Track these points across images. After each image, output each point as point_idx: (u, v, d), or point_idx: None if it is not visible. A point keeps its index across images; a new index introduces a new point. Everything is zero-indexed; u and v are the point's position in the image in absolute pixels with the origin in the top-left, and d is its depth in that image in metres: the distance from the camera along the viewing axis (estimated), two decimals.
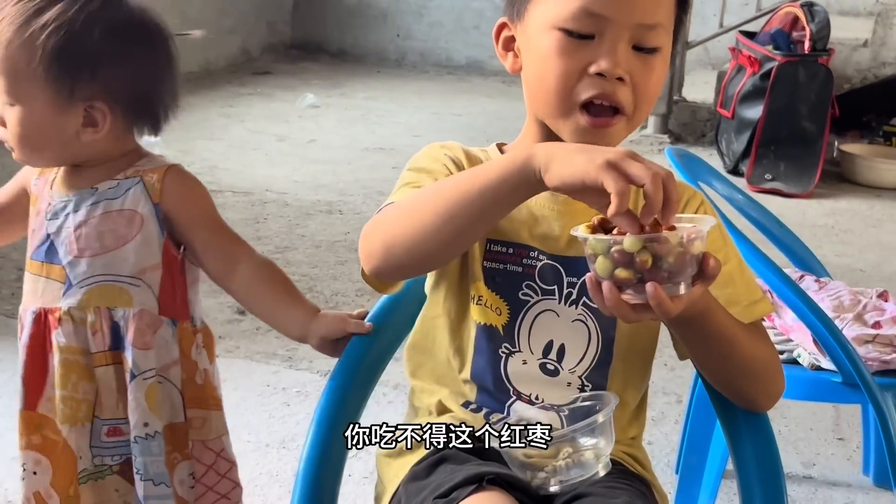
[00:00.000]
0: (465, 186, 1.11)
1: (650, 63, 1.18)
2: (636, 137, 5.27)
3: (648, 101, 1.20)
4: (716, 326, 1.18)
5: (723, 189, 2.09)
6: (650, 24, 1.17)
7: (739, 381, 1.24)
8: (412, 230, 1.13)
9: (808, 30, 4.54)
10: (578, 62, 1.17)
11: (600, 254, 1.05)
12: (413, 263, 1.17)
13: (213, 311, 3.00)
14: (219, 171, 4.40)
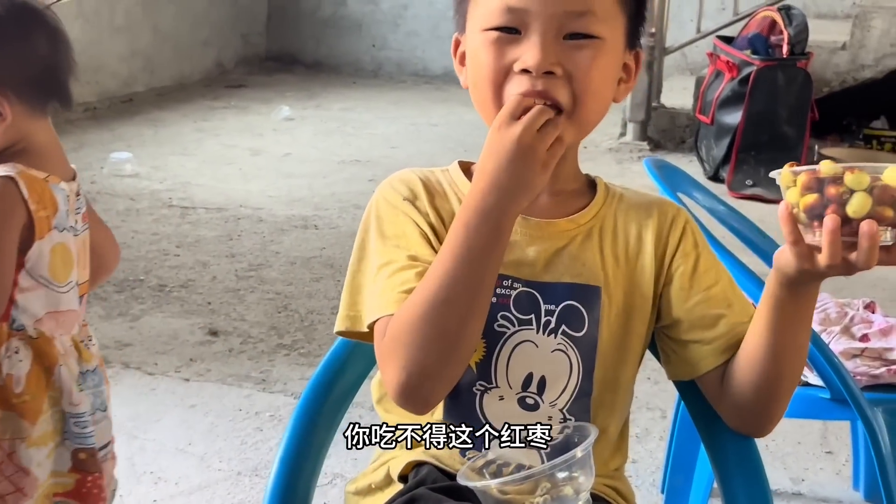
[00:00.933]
0: (468, 270, 1.07)
1: (584, 52, 1.11)
2: (615, 145, 5.22)
3: (592, 95, 1.12)
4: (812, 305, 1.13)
5: (703, 199, 2.03)
6: (577, 11, 1.10)
7: (786, 388, 1.17)
8: (449, 351, 1.07)
9: (786, 34, 4.50)
10: (505, 60, 1.12)
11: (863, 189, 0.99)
12: (460, 370, 1.11)
13: (185, 332, 2.93)
14: (192, 187, 4.32)
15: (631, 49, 1.19)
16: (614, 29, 1.14)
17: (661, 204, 1.25)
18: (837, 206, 1.00)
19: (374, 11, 7.09)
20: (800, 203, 1.02)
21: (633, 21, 1.17)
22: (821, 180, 1.01)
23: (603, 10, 1.12)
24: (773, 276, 1.12)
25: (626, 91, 1.20)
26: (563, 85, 1.10)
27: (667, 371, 1.26)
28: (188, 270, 3.39)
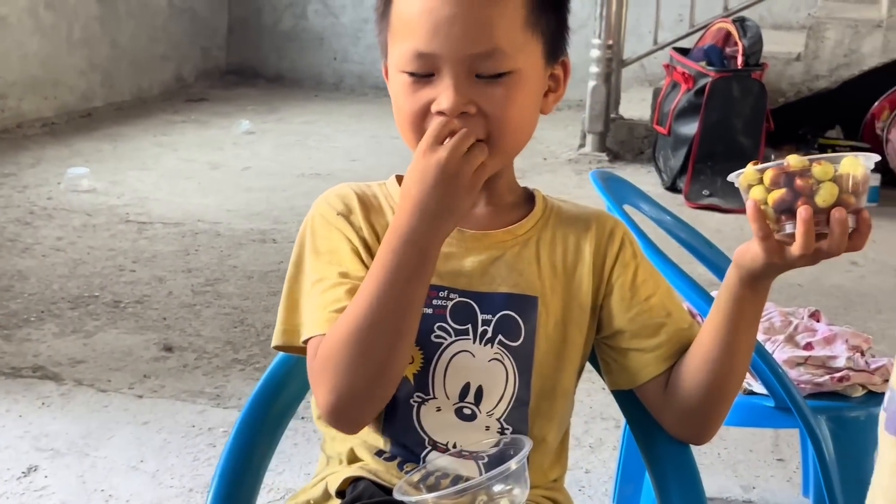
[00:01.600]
0: (394, 294, 1.08)
1: (498, 89, 1.12)
2: (574, 156, 5.25)
3: (511, 129, 1.14)
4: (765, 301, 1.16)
5: (650, 210, 2.05)
6: (483, 52, 1.11)
7: (734, 388, 1.20)
8: (378, 374, 1.09)
9: (741, 45, 4.55)
10: (422, 101, 1.14)
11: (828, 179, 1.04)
12: (389, 392, 1.12)
13: (139, 348, 2.91)
14: (150, 201, 4.30)
15: (555, 62, 1.19)
16: (528, 55, 1.14)
17: (598, 216, 1.27)
18: (807, 197, 1.04)
19: (334, 24, 7.09)
20: (768, 199, 1.06)
21: (552, 37, 1.18)
22: (789, 174, 1.05)
23: (511, 44, 1.12)
24: (733, 275, 1.15)
25: (555, 101, 1.21)
26: (477, 122, 1.12)
27: (607, 381, 1.28)
28: (144, 286, 3.37)
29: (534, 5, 1.14)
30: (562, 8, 1.19)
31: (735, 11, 5.20)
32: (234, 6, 7.21)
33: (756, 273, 1.12)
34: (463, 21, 1.11)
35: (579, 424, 2.54)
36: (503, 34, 1.12)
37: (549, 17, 1.17)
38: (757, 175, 1.07)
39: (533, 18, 1.14)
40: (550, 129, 5.81)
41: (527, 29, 1.14)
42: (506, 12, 1.12)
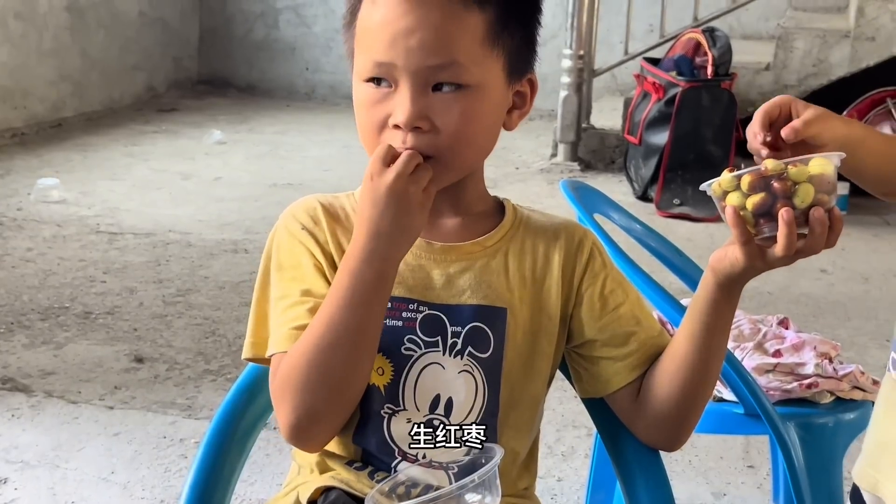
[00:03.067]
0: (352, 315, 1.10)
1: (453, 104, 1.13)
2: (546, 166, 5.27)
3: (464, 144, 1.14)
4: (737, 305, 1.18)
5: (620, 219, 2.06)
6: (439, 64, 1.12)
7: (707, 393, 1.21)
8: (337, 395, 1.11)
9: (711, 55, 4.58)
10: (381, 113, 1.14)
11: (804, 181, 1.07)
12: (349, 411, 1.14)
13: (110, 359, 2.90)
14: (120, 212, 4.28)
15: (519, 79, 1.19)
16: (487, 71, 1.14)
17: (567, 226, 1.27)
18: (785, 199, 1.07)
19: (306, 34, 7.09)
20: (747, 203, 1.08)
21: (515, 55, 1.17)
22: (767, 178, 1.07)
23: (469, 58, 1.12)
24: (709, 280, 1.16)
25: (520, 117, 1.21)
26: (431, 138, 1.13)
27: (577, 389, 1.29)
28: (115, 297, 3.35)
29: (495, 22, 1.14)
30: (527, 25, 1.19)
31: (705, 22, 5.24)
32: (206, 16, 7.20)
33: (734, 277, 1.13)
34: (420, 33, 1.11)
35: (551, 433, 2.55)
36: (460, 47, 1.12)
37: (513, 34, 1.16)
38: (734, 181, 1.08)
39: (494, 35, 1.14)
40: (522, 139, 5.83)
41: (487, 45, 1.14)
42: (464, 26, 1.12)
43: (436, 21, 1.11)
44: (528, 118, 5.25)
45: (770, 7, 5.97)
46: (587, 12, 5.16)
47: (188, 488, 1.27)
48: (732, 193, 1.08)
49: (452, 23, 1.12)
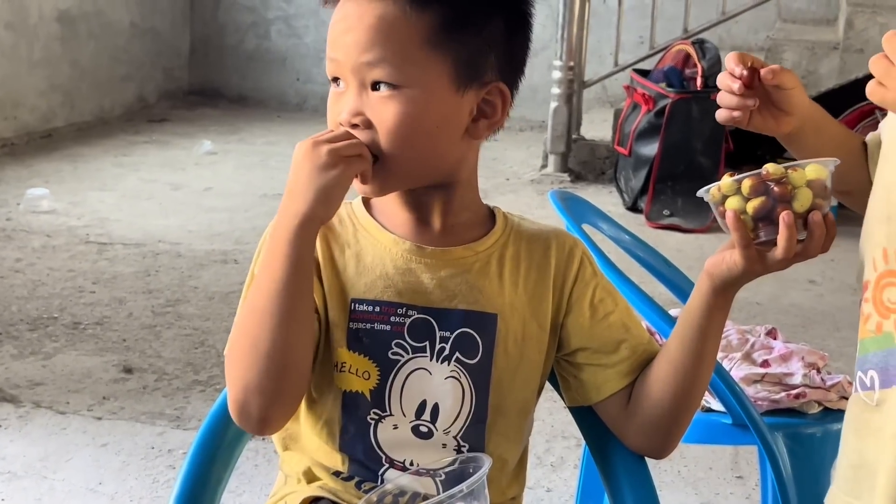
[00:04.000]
0: (270, 279, 1.12)
1: (386, 103, 1.14)
2: (537, 176, 5.28)
3: (399, 144, 1.14)
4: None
5: (609, 230, 2.07)
6: (369, 61, 1.14)
7: (698, 399, 1.23)
8: (266, 363, 1.12)
9: (700, 67, 4.60)
10: (336, 111, 1.18)
11: (801, 185, 1.09)
12: (286, 386, 1.14)
13: (98, 370, 2.89)
14: (110, 222, 4.27)
15: (473, 86, 1.17)
16: (426, 74, 1.14)
17: (557, 235, 1.28)
18: (786, 203, 1.09)
19: (297, 45, 7.09)
20: (747, 207, 1.10)
21: (467, 61, 1.16)
22: (767, 182, 1.08)
23: (403, 58, 1.13)
24: (705, 284, 1.18)
25: (489, 127, 1.20)
26: (370, 135, 1.14)
27: (565, 398, 1.29)
28: (104, 307, 3.34)
29: (440, 25, 1.14)
30: (482, 33, 1.17)
31: (694, 34, 5.26)
32: (197, 26, 7.20)
33: (731, 281, 1.15)
34: (356, 30, 1.14)
35: (541, 443, 2.55)
36: (393, 47, 1.13)
37: (463, 40, 1.15)
38: (734, 185, 1.09)
39: (438, 38, 1.14)
40: (513, 150, 5.84)
41: (427, 47, 1.14)
42: (399, 26, 1.14)
43: (372, 20, 1.14)
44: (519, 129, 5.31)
45: (760, 19, 5.99)
46: (577, 24, 5.17)
47: (174, 499, 1.27)
48: (732, 198, 1.10)
49: (388, 22, 1.14)
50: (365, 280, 1.19)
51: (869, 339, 1.13)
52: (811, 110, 1.30)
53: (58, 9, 5.91)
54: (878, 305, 1.11)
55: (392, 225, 1.22)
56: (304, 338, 1.14)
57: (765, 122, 1.28)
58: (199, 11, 7.19)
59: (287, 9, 7.06)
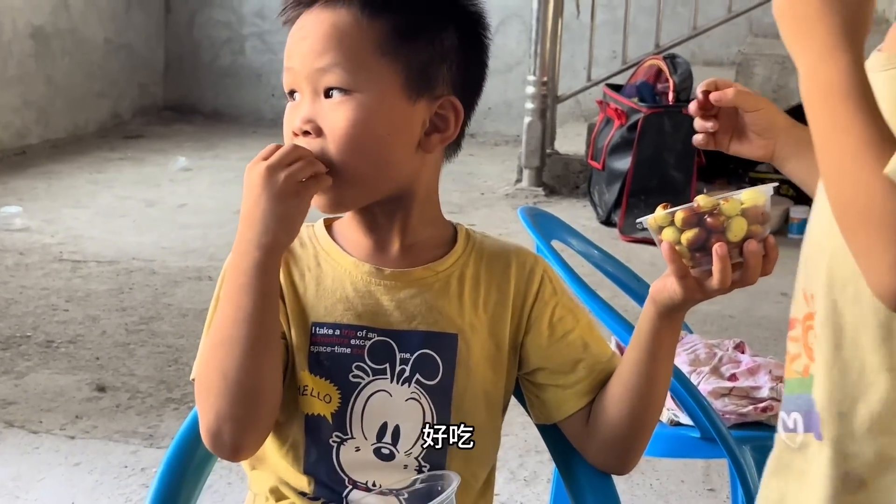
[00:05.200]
0: (236, 307, 1.12)
1: (338, 109, 1.14)
2: (511, 191, 5.30)
3: (348, 150, 1.14)
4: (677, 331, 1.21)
5: (578, 245, 2.08)
6: (322, 67, 1.14)
7: (655, 416, 1.23)
8: (235, 391, 1.12)
9: (672, 81, 4.63)
10: (290, 122, 1.18)
11: (735, 215, 1.09)
12: (256, 412, 1.14)
13: (71, 388, 2.88)
14: (84, 240, 4.27)
15: (429, 98, 1.18)
16: (378, 81, 1.15)
17: (519, 253, 1.29)
18: (719, 234, 1.09)
19: (272, 61, 7.10)
20: (682, 239, 1.10)
21: (419, 70, 1.17)
22: (700, 214, 1.09)
23: (354, 63, 1.14)
24: (651, 310, 1.19)
25: (441, 141, 1.20)
26: (320, 143, 1.14)
27: (531, 415, 1.30)
28: (77, 325, 3.34)
29: (393, 32, 1.16)
30: (433, 43, 1.18)
31: (666, 48, 5.30)
32: (172, 43, 7.20)
33: (674, 307, 1.16)
34: (310, 38, 1.16)
35: (514, 458, 2.56)
36: (345, 52, 1.14)
37: (415, 48, 1.17)
38: (668, 217, 1.10)
39: (390, 45, 1.15)
40: (488, 164, 5.86)
41: (379, 53, 1.15)
42: (352, 32, 1.15)
43: (326, 28, 1.15)
44: (494, 144, 5.33)
45: (731, 34, 6.05)
46: (550, 40, 5.21)
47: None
48: (668, 229, 1.10)
49: (341, 29, 1.15)
50: (325, 303, 1.19)
51: (795, 380, 1.11)
52: (792, 132, 1.29)
53: (32, 25, 5.90)
54: (806, 348, 1.09)
55: (352, 247, 1.23)
56: (273, 364, 1.14)
57: (741, 146, 1.28)
58: (174, 28, 7.19)
59: (262, 25, 7.08)
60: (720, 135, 1.27)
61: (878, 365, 1.01)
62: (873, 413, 1.02)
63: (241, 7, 7.11)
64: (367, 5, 1.16)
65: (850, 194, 0.92)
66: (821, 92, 0.95)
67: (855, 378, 1.02)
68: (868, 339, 1.01)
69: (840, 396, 1.03)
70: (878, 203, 0.89)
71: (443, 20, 1.19)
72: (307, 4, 1.18)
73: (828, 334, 1.04)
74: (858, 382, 1.02)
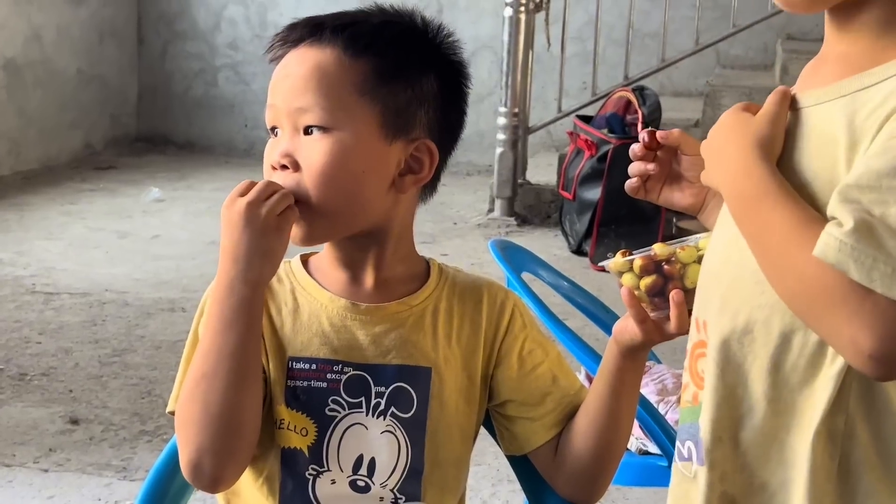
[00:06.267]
0: (221, 342, 1.15)
1: (315, 145, 1.18)
2: (484, 221, 5.34)
3: (323, 186, 1.18)
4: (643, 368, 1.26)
5: (548, 277, 2.12)
6: (303, 106, 1.19)
7: (621, 449, 1.27)
8: (219, 425, 1.14)
9: (641, 113, 4.70)
10: (271, 157, 1.21)
11: (691, 262, 1.14)
12: (239, 445, 1.17)
13: (45, 421, 2.88)
14: (56, 272, 4.26)
15: (405, 140, 1.22)
16: (356, 120, 1.19)
17: (490, 287, 1.32)
18: (676, 280, 1.13)
19: (245, 91, 7.13)
20: (640, 285, 1.14)
21: (396, 112, 1.21)
22: (658, 262, 1.12)
23: (334, 102, 1.18)
24: (613, 349, 1.24)
25: (415, 182, 1.24)
26: (297, 177, 1.18)
27: (502, 447, 1.33)
28: (50, 358, 3.34)
29: (374, 73, 1.20)
30: (413, 87, 1.22)
31: (635, 80, 5.38)
32: (145, 74, 7.22)
33: (635, 347, 1.22)
34: (293, 76, 1.20)
35: (487, 487, 2.58)
36: (326, 92, 1.18)
37: (394, 90, 1.21)
38: (627, 264, 1.14)
39: (369, 85, 1.19)
40: (460, 194, 5.90)
41: (357, 93, 1.19)
42: (333, 72, 1.19)
43: (308, 67, 1.19)
44: (466, 173, 5.38)
45: (700, 65, 6.14)
46: (521, 72, 5.27)
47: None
48: (627, 274, 1.14)
49: (323, 69, 1.19)
50: (301, 338, 1.22)
51: (686, 409, 1.14)
52: None
53: (4, 57, 5.91)
54: (693, 376, 1.12)
55: (328, 283, 1.26)
56: (255, 397, 1.17)
57: (671, 194, 1.26)
58: (147, 59, 7.21)
59: (235, 56, 7.11)
60: (653, 181, 1.26)
61: (761, 394, 1.04)
62: (749, 439, 1.05)
63: (213, 39, 7.14)
64: (350, 46, 1.20)
65: (794, 285, 0.96)
66: (744, 202, 1.02)
67: (736, 404, 1.06)
68: (755, 369, 1.05)
69: (721, 421, 1.07)
70: (818, 286, 0.94)
71: (424, 66, 1.24)
72: (293, 43, 1.22)
73: (717, 360, 1.07)
74: (739, 408, 1.06)
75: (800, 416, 1.03)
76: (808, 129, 1.04)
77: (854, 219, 0.93)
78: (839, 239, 0.93)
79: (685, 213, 1.27)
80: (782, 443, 1.04)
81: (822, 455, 1.01)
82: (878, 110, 0.98)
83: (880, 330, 0.91)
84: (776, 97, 1.06)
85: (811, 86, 1.07)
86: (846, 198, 0.94)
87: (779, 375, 1.03)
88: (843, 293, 0.92)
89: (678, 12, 5.67)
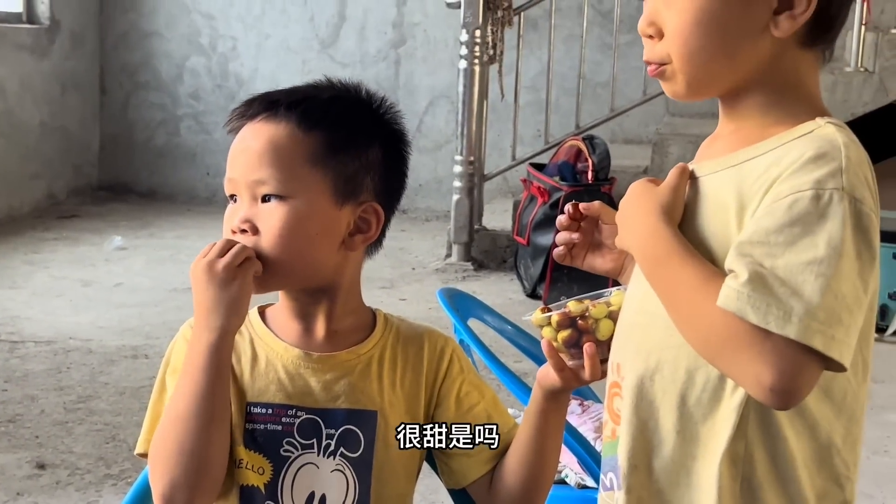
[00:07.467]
0: (195, 387, 1.27)
1: (271, 212, 1.30)
2: (441, 265, 5.47)
3: (280, 249, 1.30)
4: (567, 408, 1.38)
5: (493, 322, 2.26)
6: (260, 178, 1.31)
7: (549, 481, 1.40)
8: (192, 463, 1.26)
9: (591, 161, 4.87)
10: (231, 222, 1.34)
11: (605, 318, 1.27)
12: (209, 481, 1.29)
13: (11, 467, 2.96)
14: (20, 320, 4.34)
15: (355, 203, 1.35)
16: (309, 189, 1.31)
17: (430, 334, 1.45)
18: (590, 333, 1.26)
19: (207, 141, 7.25)
20: (558, 338, 1.28)
21: (346, 179, 1.34)
22: (572, 318, 1.26)
23: (289, 173, 1.31)
24: (538, 392, 1.37)
25: (364, 241, 1.37)
26: (256, 241, 1.31)
27: (443, 481, 1.46)
28: (16, 405, 3.41)
29: (325, 145, 1.33)
30: (360, 157, 1.35)
31: (587, 129, 5.56)
32: (107, 124, 7.32)
33: (557, 392, 1.35)
34: (249, 150, 1.32)
35: None
36: (281, 164, 1.31)
37: (344, 160, 1.33)
38: (546, 319, 1.28)
39: (320, 157, 1.32)
40: (419, 240, 6.04)
41: (309, 164, 1.32)
42: (287, 145, 1.32)
43: (263, 142, 1.32)
44: (425, 219, 5.53)
45: (649, 114, 6.34)
46: (476, 121, 5.43)
47: None
48: (546, 328, 1.28)
49: (277, 143, 1.32)
50: (259, 385, 1.35)
51: (607, 444, 1.25)
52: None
53: None
54: (611, 413, 1.25)
55: (283, 333, 1.39)
56: (224, 435, 1.30)
57: (594, 259, 1.40)
58: (110, 109, 7.32)
59: (196, 106, 7.24)
60: (578, 248, 1.40)
61: (671, 426, 1.18)
62: (661, 467, 1.19)
63: (175, 89, 7.26)
64: (303, 121, 1.33)
65: (704, 334, 1.10)
66: (653, 262, 1.16)
67: (649, 436, 1.20)
68: (665, 404, 1.18)
69: (636, 451, 1.21)
70: (725, 332, 1.07)
71: (369, 136, 1.37)
72: (250, 118, 1.35)
73: (632, 397, 1.20)
74: (652, 439, 1.20)
75: (704, 444, 1.17)
76: (704, 195, 1.18)
77: (748, 271, 1.07)
78: (736, 289, 1.07)
79: (607, 276, 1.40)
80: (689, 469, 1.18)
81: (727, 478, 1.15)
82: (763, 177, 1.13)
83: (779, 366, 1.05)
84: (676, 171, 1.20)
85: (707, 157, 1.22)
86: (741, 252, 1.09)
87: (685, 408, 1.18)
88: (746, 337, 1.06)
89: (628, 63, 5.87)
